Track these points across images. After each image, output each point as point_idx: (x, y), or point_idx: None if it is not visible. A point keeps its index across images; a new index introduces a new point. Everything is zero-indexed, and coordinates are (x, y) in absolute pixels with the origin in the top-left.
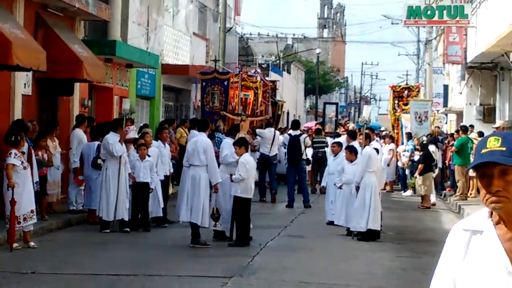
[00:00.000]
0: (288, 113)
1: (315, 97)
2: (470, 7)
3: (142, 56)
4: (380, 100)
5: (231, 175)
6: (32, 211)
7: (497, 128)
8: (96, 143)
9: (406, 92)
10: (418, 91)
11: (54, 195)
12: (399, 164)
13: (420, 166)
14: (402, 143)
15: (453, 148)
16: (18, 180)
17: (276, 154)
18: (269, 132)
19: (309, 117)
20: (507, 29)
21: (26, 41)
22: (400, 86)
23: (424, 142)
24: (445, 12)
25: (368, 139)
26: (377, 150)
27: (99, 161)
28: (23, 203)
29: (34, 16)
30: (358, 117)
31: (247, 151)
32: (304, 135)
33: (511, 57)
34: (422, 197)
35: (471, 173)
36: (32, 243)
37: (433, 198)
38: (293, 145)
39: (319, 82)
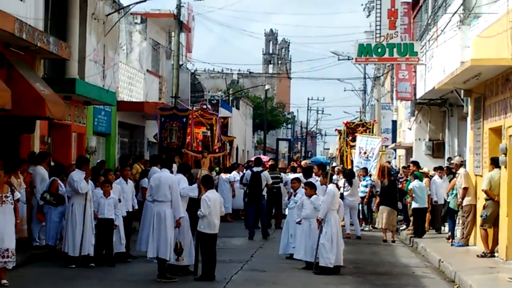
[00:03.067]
0: (237, 149)
1: (263, 132)
2: (419, 45)
3: (100, 93)
4: (325, 135)
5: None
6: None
7: (451, 164)
8: (51, 178)
9: (360, 128)
10: (373, 127)
11: (22, 231)
12: None
13: (377, 199)
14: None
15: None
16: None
17: None
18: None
19: (258, 151)
20: (460, 68)
21: None
22: (354, 122)
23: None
24: (395, 49)
25: (326, 178)
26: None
27: (45, 194)
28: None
29: None
30: (306, 152)
31: (210, 188)
32: (266, 172)
33: (462, 94)
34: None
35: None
36: (4, 281)
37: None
38: (255, 180)
39: (266, 118)
